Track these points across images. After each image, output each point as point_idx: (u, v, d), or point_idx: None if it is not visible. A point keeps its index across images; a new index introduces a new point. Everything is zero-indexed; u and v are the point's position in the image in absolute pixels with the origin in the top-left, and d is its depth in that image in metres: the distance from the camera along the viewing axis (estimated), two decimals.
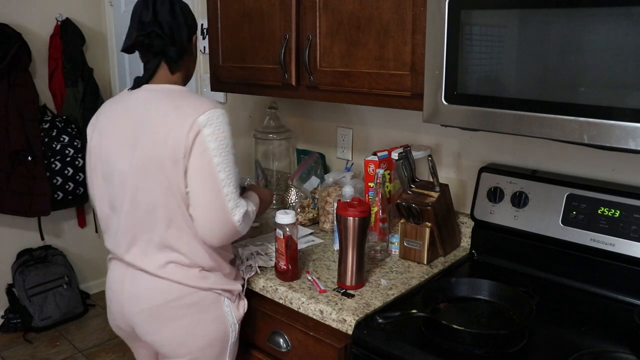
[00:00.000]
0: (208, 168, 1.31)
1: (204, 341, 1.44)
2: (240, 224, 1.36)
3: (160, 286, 1.40)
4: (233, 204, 1.34)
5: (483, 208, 1.64)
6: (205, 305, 1.42)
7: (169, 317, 1.41)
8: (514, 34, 1.17)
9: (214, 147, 1.31)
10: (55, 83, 3.16)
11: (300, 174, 2.05)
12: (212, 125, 1.31)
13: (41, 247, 3.33)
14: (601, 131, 1.09)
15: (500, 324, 1.28)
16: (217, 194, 1.32)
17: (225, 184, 1.33)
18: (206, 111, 1.32)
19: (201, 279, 1.41)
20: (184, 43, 1.43)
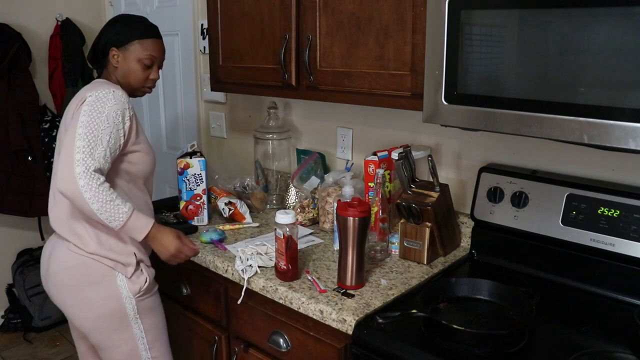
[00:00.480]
0: (71, 137, 1.44)
1: (99, 311, 1.55)
2: (84, 187, 1.38)
3: (61, 252, 1.57)
4: (81, 169, 1.39)
5: (483, 208, 1.64)
6: (97, 277, 1.54)
7: (65, 285, 1.56)
8: (514, 34, 1.17)
9: (83, 120, 1.45)
10: (55, 83, 3.15)
11: (300, 174, 2.05)
12: (93, 102, 1.47)
13: (41, 247, 3.32)
14: (601, 131, 1.09)
15: (500, 324, 1.28)
16: (69, 157, 1.41)
17: (79, 151, 1.41)
18: (98, 90, 1.50)
19: (91, 247, 1.53)
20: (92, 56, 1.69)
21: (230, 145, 2.63)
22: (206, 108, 2.71)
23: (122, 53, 1.62)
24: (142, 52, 1.63)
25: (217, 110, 2.65)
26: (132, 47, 1.62)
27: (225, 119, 2.62)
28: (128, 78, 1.64)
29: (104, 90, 1.50)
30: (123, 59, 1.63)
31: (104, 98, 1.48)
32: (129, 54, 1.63)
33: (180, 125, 2.86)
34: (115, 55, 1.63)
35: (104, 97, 1.49)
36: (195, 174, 1.95)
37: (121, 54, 1.62)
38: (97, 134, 1.44)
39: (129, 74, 1.64)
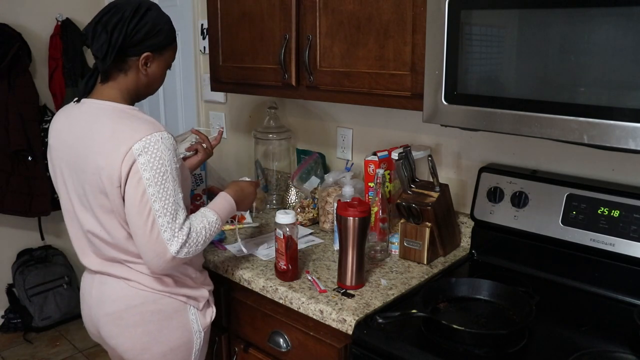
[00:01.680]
0: (142, 199, 1.26)
1: (166, 347, 1.43)
2: (179, 253, 1.29)
3: (123, 291, 1.40)
4: (169, 234, 1.28)
5: (483, 208, 1.64)
6: (169, 312, 1.42)
7: (131, 323, 1.40)
8: (514, 34, 1.17)
9: (148, 177, 1.26)
10: (55, 83, 3.16)
11: (300, 174, 2.05)
12: (147, 153, 1.26)
13: (41, 247, 3.33)
14: (601, 131, 1.09)
15: (500, 324, 1.28)
16: (152, 226, 1.27)
17: (161, 214, 1.27)
18: (142, 137, 1.26)
19: (162, 285, 1.40)
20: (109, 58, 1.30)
21: (230, 145, 2.63)
22: (206, 108, 2.71)
23: (156, 59, 1.38)
24: (173, 57, 1.44)
25: (217, 110, 2.65)
26: (167, 52, 1.41)
27: (225, 119, 2.62)
28: (153, 87, 1.43)
29: (151, 138, 1.26)
30: (156, 67, 1.39)
31: (157, 149, 1.26)
32: (162, 61, 1.40)
33: (181, 125, 2.86)
34: (149, 61, 1.37)
35: (156, 147, 1.26)
36: (195, 174, 1.95)
37: (155, 61, 1.38)
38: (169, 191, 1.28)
39: (155, 82, 1.43)
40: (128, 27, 1.30)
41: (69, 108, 1.43)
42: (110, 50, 1.30)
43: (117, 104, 1.36)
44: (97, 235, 1.38)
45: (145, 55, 1.35)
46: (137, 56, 1.35)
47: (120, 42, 1.30)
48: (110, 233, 1.35)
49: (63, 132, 1.39)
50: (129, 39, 1.31)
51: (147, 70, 1.38)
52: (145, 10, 1.33)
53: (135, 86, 1.40)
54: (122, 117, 1.32)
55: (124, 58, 1.34)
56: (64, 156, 1.38)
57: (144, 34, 1.32)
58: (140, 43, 1.33)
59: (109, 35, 1.29)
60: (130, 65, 1.36)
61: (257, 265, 1.64)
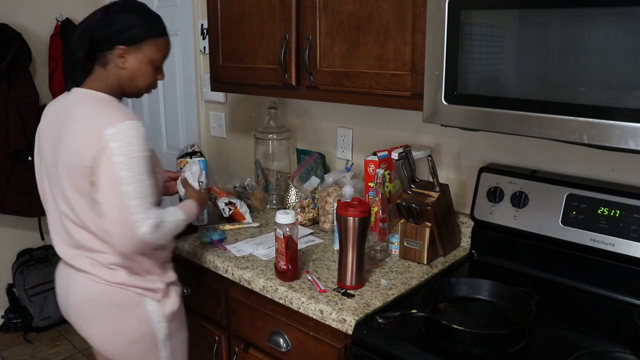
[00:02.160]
0: (113, 180, 1.32)
1: (128, 338, 1.48)
2: (149, 235, 1.35)
3: (82, 284, 1.46)
4: (138, 216, 1.33)
5: (483, 208, 1.64)
6: (125, 304, 1.46)
7: (91, 315, 1.48)
8: (514, 34, 1.17)
9: (120, 161, 1.32)
10: (55, 83, 3.15)
11: (300, 174, 2.05)
12: (120, 139, 1.32)
13: (41, 247, 3.33)
14: (601, 131, 1.09)
15: (500, 324, 1.28)
16: (121, 206, 1.32)
17: (131, 197, 1.32)
18: (115, 123, 1.33)
19: (116, 277, 1.45)
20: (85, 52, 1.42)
21: (230, 145, 2.63)
22: (206, 108, 2.71)
23: (132, 53, 1.42)
24: (157, 53, 1.46)
25: (217, 110, 2.65)
26: (146, 47, 1.43)
27: (225, 119, 2.62)
28: (136, 82, 1.46)
29: (123, 125, 1.33)
30: (134, 60, 1.43)
31: (129, 135, 1.32)
32: (141, 54, 1.43)
33: (180, 125, 2.86)
34: (123, 54, 1.41)
35: (128, 134, 1.32)
36: None
37: (131, 54, 1.42)
38: (140, 176, 1.34)
39: (138, 77, 1.46)
40: (98, 25, 1.41)
41: (59, 97, 1.54)
42: (82, 43, 1.42)
43: (98, 92, 1.44)
44: (67, 216, 1.44)
45: (119, 48, 1.42)
46: (111, 49, 1.42)
47: (90, 36, 1.41)
48: (78, 214, 1.41)
49: (48, 116, 1.51)
50: (100, 33, 1.40)
51: (124, 63, 1.44)
52: (117, 10, 1.42)
53: (117, 80, 1.46)
54: (99, 103, 1.41)
55: (103, 53, 1.43)
56: (47, 140, 1.46)
57: (113, 29, 1.40)
58: (111, 38, 1.41)
59: (84, 31, 1.42)
60: (109, 59, 1.44)
61: (257, 265, 1.64)
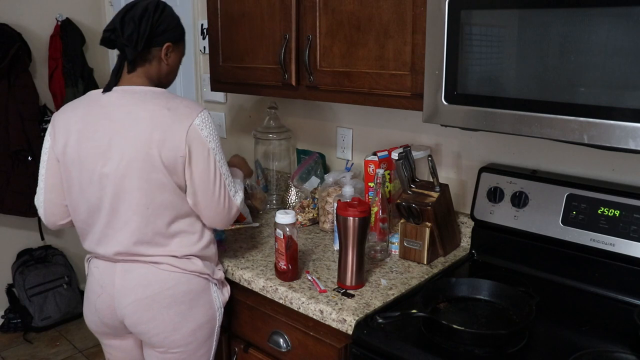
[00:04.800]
0: (213, 166, 1.43)
1: (195, 325, 1.51)
2: (241, 204, 1.53)
3: (155, 276, 1.45)
4: (234, 191, 1.51)
5: (483, 208, 1.64)
6: (197, 291, 1.50)
7: (163, 305, 1.46)
8: (514, 34, 1.17)
9: (213, 147, 1.43)
10: (55, 83, 3.16)
11: (300, 174, 2.05)
12: (207, 127, 1.42)
13: (41, 247, 3.33)
14: (601, 131, 1.09)
15: (500, 324, 1.28)
16: (222, 188, 1.46)
17: (227, 177, 1.47)
18: (199, 113, 1.41)
19: (193, 265, 1.48)
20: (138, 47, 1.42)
21: (230, 145, 2.63)
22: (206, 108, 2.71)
23: (174, 50, 1.51)
24: (184, 51, 1.58)
25: (217, 110, 2.65)
26: (182, 45, 1.55)
27: (225, 119, 2.62)
28: (171, 76, 1.56)
29: (203, 113, 1.43)
30: (174, 57, 1.52)
31: (210, 122, 1.44)
32: (178, 52, 1.54)
33: None
34: (170, 51, 1.49)
35: (209, 121, 1.43)
36: None
37: (174, 52, 1.51)
38: (224, 157, 1.48)
39: (173, 73, 1.56)
40: (153, 19, 1.43)
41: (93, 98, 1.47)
42: (140, 38, 1.42)
43: (149, 87, 1.47)
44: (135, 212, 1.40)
45: (167, 45, 1.48)
46: (160, 46, 1.47)
47: (148, 31, 1.42)
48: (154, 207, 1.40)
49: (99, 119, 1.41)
50: (155, 29, 1.44)
51: (167, 59, 1.50)
52: (164, 6, 1.48)
53: (158, 75, 1.51)
54: (168, 97, 1.44)
55: (149, 48, 1.46)
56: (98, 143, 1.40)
57: (166, 25, 1.46)
58: (163, 34, 1.46)
59: (137, 26, 1.41)
60: (154, 55, 1.47)
61: (257, 265, 1.64)
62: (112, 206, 1.42)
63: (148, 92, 1.44)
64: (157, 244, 1.44)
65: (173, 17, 1.50)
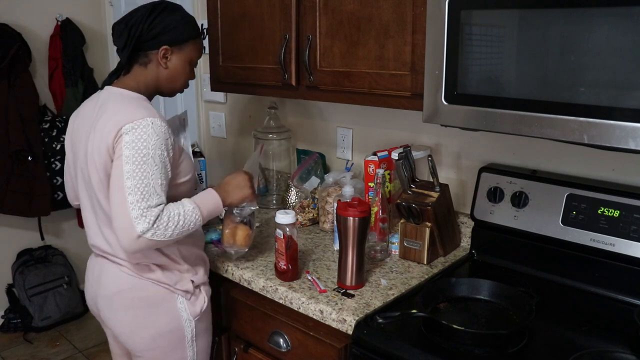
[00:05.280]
0: (118, 174, 1.32)
1: (154, 332, 1.49)
2: (145, 233, 1.29)
3: (115, 275, 1.47)
4: (137, 213, 1.29)
5: (483, 208, 1.64)
6: (156, 300, 1.47)
7: (121, 307, 1.48)
8: (514, 34, 1.17)
9: (127, 155, 1.31)
10: (55, 83, 3.16)
11: (300, 174, 2.05)
12: (133, 134, 1.32)
13: (41, 247, 3.33)
14: (601, 131, 1.09)
15: (500, 324, 1.28)
16: (122, 201, 1.30)
17: (131, 192, 1.30)
18: (134, 120, 1.33)
19: (149, 272, 1.46)
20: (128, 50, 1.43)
21: (230, 145, 2.63)
22: (206, 108, 2.71)
23: (175, 53, 1.46)
24: (196, 53, 1.52)
25: (217, 110, 2.65)
26: (188, 47, 1.48)
27: (225, 119, 2.62)
28: (175, 81, 1.50)
29: (141, 121, 1.33)
30: (176, 60, 1.47)
31: (144, 132, 1.32)
32: (182, 54, 1.48)
33: None
34: (167, 54, 1.45)
35: (143, 130, 1.32)
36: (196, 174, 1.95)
37: (174, 54, 1.46)
38: (144, 172, 1.31)
39: (178, 77, 1.50)
40: (144, 24, 1.42)
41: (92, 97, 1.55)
42: (128, 42, 1.43)
43: (129, 91, 1.46)
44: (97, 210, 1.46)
45: (163, 48, 1.45)
46: (155, 49, 1.45)
47: (137, 35, 1.42)
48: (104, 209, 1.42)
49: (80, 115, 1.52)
50: (146, 33, 1.43)
51: (167, 63, 1.47)
52: (161, 10, 1.45)
53: (156, 79, 1.49)
54: (129, 101, 1.42)
55: (145, 52, 1.46)
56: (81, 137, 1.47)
57: (161, 28, 1.43)
58: (157, 37, 1.44)
59: (128, 31, 1.42)
60: (151, 59, 1.47)
61: (257, 265, 1.64)
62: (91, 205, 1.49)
63: (117, 95, 1.44)
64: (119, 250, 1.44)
65: (174, 19, 1.45)
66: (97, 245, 1.50)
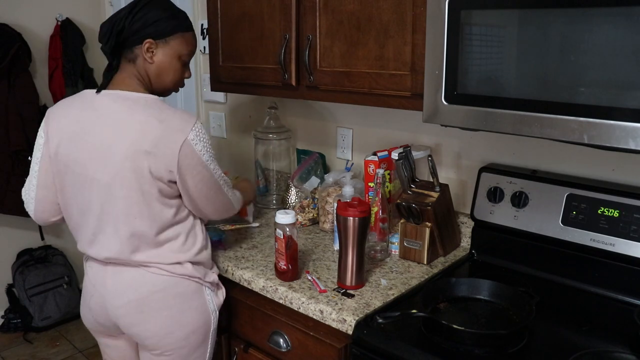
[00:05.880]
0: (207, 177, 1.44)
1: (188, 329, 1.49)
2: (238, 202, 1.63)
3: (144, 278, 1.45)
4: (231, 192, 1.57)
5: (483, 208, 1.64)
6: (189, 294, 1.49)
7: (154, 308, 1.46)
8: (514, 34, 1.17)
9: (207, 159, 1.42)
10: (55, 83, 3.16)
11: (300, 174, 2.05)
12: (201, 141, 1.40)
13: (41, 247, 3.33)
14: (601, 131, 1.09)
15: (500, 324, 1.28)
16: (219, 194, 1.51)
17: (221, 180, 1.49)
18: (193, 127, 1.38)
19: (182, 268, 1.47)
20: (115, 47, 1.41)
21: (230, 145, 2.63)
22: (206, 108, 2.71)
23: (160, 47, 1.43)
24: (184, 48, 1.47)
25: (217, 110, 2.65)
26: (174, 41, 1.44)
27: (225, 119, 2.62)
28: (163, 77, 1.47)
29: (197, 125, 1.40)
30: (162, 55, 1.44)
31: (204, 134, 1.41)
32: (168, 49, 1.44)
33: None
34: (152, 48, 1.42)
35: (202, 130, 1.41)
36: None
37: (160, 48, 1.43)
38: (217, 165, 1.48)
39: (166, 73, 1.47)
40: (126, 20, 1.40)
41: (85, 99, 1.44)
42: (111, 37, 1.41)
43: (139, 94, 1.42)
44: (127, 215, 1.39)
45: (147, 42, 1.42)
46: (139, 44, 1.42)
47: (118, 30, 1.40)
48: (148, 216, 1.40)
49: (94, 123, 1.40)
50: (129, 27, 1.40)
51: (152, 57, 1.44)
52: (144, 4, 1.42)
53: (146, 75, 1.46)
54: (161, 107, 1.41)
55: (131, 48, 1.43)
56: (94, 147, 1.38)
57: (143, 22, 1.41)
58: (139, 31, 1.41)
59: (111, 27, 1.41)
60: (137, 54, 1.43)
61: (257, 265, 1.64)
62: (102, 211, 1.41)
63: (141, 99, 1.40)
64: (146, 252, 1.44)
65: (157, 12, 1.42)
66: (105, 255, 1.44)
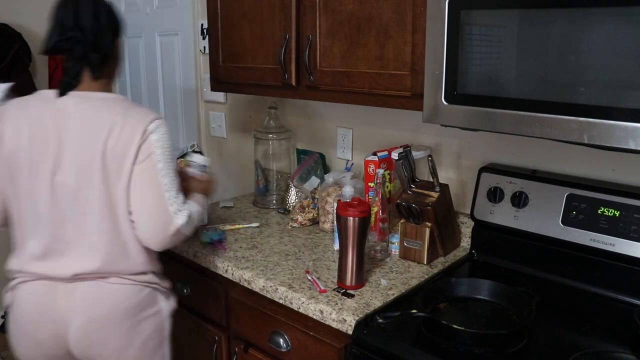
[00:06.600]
0: (152, 172, 1.34)
1: (144, 336, 1.45)
2: (184, 226, 1.38)
3: (103, 290, 1.37)
4: (175, 208, 1.36)
5: (483, 208, 1.64)
6: (147, 301, 1.45)
7: (116, 322, 1.38)
8: (514, 34, 1.17)
9: (159, 153, 1.35)
10: (55, 83, 3.15)
11: (300, 174, 2.05)
12: (158, 133, 1.35)
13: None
14: (601, 131, 1.09)
15: (500, 324, 1.28)
16: (160, 198, 1.35)
17: (168, 189, 1.35)
18: (154, 120, 1.36)
19: (146, 276, 1.45)
20: (106, 48, 1.39)
21: (230, 145, 2.63)
22: (206, 108, 2.71)
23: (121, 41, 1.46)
24: None
25: (217, 110, 2.65)
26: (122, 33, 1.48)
27: (225, 119, 2.62)
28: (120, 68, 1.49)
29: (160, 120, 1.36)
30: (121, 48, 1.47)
31: (165, 130, 1.36)
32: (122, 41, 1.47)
33: (180, 126, 2.86)
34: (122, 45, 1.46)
35: (164, 129, 1.36)
36: None
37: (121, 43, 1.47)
38: (173, 169, 1.38)
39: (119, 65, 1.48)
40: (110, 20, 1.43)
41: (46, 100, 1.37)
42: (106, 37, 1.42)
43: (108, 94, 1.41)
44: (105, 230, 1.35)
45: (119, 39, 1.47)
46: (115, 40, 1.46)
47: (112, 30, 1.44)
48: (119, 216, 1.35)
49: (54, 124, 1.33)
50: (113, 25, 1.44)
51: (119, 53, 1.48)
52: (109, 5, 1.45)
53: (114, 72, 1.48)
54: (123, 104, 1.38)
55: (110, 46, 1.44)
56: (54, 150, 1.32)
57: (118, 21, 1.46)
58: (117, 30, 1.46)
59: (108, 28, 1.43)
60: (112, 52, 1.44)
61: (257, 265, 1.64)
62: (66, 219, 1.33)
63: (107, 98, 1.37)
64: (121, 262, 1.37)
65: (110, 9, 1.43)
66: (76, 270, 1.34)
